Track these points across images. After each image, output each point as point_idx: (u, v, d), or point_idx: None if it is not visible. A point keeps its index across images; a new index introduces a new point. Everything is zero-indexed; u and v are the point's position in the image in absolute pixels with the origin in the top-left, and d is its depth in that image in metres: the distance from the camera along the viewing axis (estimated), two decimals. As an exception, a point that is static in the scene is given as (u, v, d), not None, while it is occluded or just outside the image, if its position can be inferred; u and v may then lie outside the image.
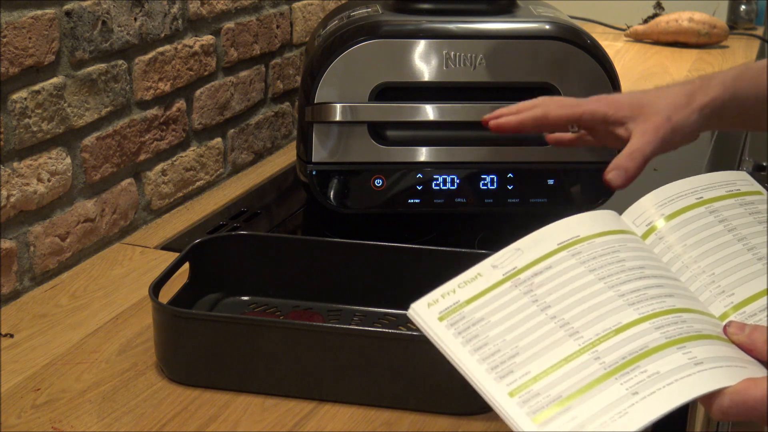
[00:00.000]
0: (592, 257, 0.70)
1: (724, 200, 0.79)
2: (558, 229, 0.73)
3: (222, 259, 1.04)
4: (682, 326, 0.66)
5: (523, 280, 0.69)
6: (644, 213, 0.78)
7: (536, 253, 0.71)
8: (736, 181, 0.82)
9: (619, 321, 0.66)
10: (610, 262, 0.70)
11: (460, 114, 1.20)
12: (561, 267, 0.70)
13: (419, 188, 1.20)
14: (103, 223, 1.19)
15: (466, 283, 0.71)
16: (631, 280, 0.69)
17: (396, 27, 1.21)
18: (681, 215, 0.78)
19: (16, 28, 1.01)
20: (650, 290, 0.69)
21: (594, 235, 0.72)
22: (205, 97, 1.36)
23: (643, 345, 0.64)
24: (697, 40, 2.30)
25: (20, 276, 1.06)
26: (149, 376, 0.93)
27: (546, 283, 0.69)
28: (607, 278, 0.69)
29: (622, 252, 0.72)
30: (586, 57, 1.20)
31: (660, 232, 0.77)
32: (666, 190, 0.80)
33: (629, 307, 0.67)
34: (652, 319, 0.66)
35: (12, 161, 1.03)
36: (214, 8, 1.35)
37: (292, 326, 0.92)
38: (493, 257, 0.72)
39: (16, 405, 0.88)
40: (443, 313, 0.69)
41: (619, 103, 0.90)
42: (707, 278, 0.73)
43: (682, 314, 0.68)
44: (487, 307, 0.68)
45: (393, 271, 1.03)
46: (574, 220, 0.73)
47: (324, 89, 1.18)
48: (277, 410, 0.88)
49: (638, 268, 0.70)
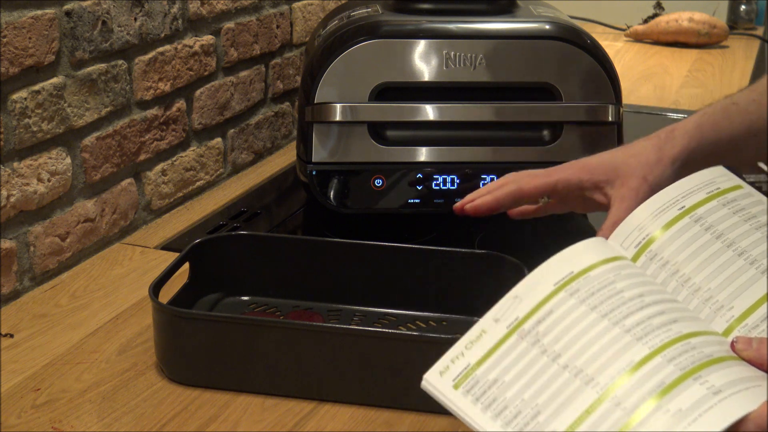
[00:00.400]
0: (590, 294, 0.69)
1: (706, 204, 0.79)
2: (551, 268, 0.72)
3: (222, 259, 1.04)
4: (693, 353, 0.66)
5: (528, 330, 0.68)
6: (631, 234, 0.78)
7: (534, 298, 0.70)
8: (715, 179, 0.81)
9: (631, 359, 0.65)
10: (609, 296, 0.69)
11: (460, 114, 1.20)
12: (562, 310, 0.69)
13: (419, 188, 1.20)
14: (103, 223, 1.19)
15: (472, 343, 0.69)
16: (633, 312, 0.68)
17: (396, 27, 1.21)
18: (667, 231, 0.77)
19: (16, 28, 1.01)
20: (654, 319, 0.68)
21: (588, 268, 0.71)
22: (205, 97, 1.36)
23: (660, 382, 0.64)
24: (697, 40, 2.30)
25: (20, 276, 1.06)
26: (149, 376, 0.93)
27: (551, 330, 0.68)
28: (609, 314, 0.68)
29: (618, 282, 0.71)
30: (586, 57, 1.20)
31: (650, 251, 0.76)
32: (648, 206, 0.80)
33: (638, 342, 0.66)
34: (663, 352, 0.66)
35: (12, 161, 1.03)
36: (214, 8, 1.35)
37: (292, 326, 0.92)
38: (494, 310, 0.70)
39: (16, 405, 0.88)
40: (457, 379, 0.68)
41: (592, 167, 0.90)
42: (704, 294, 0.73)
43: (690, 340, 0.67)
44: (498, 366, 0.68)
45: (393, 271, 1.03)
46: (565, 256, 0.72)
47: (324, 89, 1.18)
48: (277, 410, 0.88)
49: (638, 297, 0.70)
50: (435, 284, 1.02)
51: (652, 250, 0.76)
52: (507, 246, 1.04)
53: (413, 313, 1.03)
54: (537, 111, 1.21)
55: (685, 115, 1.78)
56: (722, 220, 0.77)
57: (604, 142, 1.21)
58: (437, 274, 1.02)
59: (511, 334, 0.68)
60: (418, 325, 1.02)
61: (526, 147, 1.21)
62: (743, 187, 0.81)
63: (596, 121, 1.21)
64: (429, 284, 1.03)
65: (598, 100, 1.20)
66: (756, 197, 0.81)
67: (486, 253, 1.02)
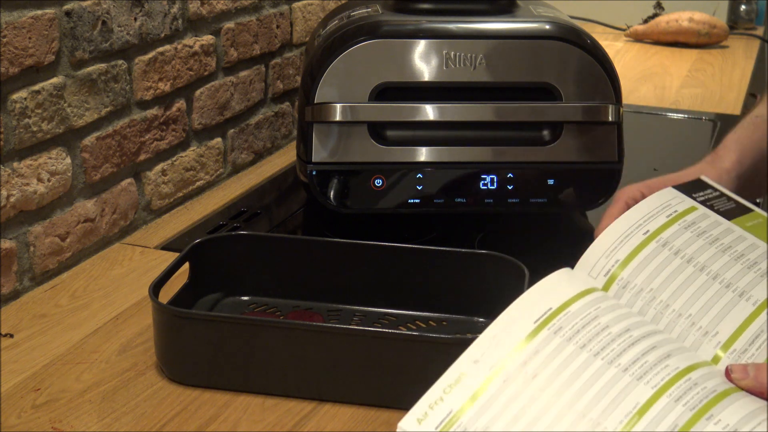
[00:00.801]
0: (575, 331, 0.67)
1: (669, 228, 0.78)
2: (526, 304, 0.69)
3: (222, 259, 1.04)
4: (698, 390, 0.64)
5: (514, 372, 0.65)
6: (598, 262, 0.76)
7: (515, 337, 0.66)
8: (669, 201, 0.81)
9: (637, 401, 0.63)
10: (596, 333, 0.67)
11: (460, 114, 1.20)
12: (549, 349, 0.66)
13: (419, 188, 1.20)
14: (103, 223, 1.19)
15: (451, 387, 0.65)
16: (625, 349, 0.66)
17: (396, 27, 1.21)
18: (636, 257, 0.76)
19: (16, 28, 1.01)
20: (648, 355, 0.66)
21: (566, 303, 0.69)
22: (205, 97, 1.36)
23: (674, 424, 0.62)
24: (697, 40, 2.30)
25: (20, 276, 1.06)
26: (149, 376, 0.93)
27: (540, 372, 0.64)
28: (601, 353, 0.66)
29: (601, 317, 0.69)
30: (586, 57, 1.20)
31: (621, 279, 0.75)
32: (611, 232, 0.78)
33: (638, 381, 0.64)
34: (668, 391, 0.64)
35: (12, 161, 1.03)
36: (214, 8, 1.35)
37: (292, 326, 0.92)
38: (471, 351, 0.66)
39: (16, 405, 0.88)
40: (440, 427, 0.63)
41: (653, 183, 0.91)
42: (686, 321, 0.72)
43: (690, 375, 0.66)
44: (486, 412, 0.63)
45: (393, 271, 1.03)
46: (538, 291, 0.70)
47: (324, 89, 1.18)
48: (277, 410, 0.88)
49: (625, 332, 0.68)
50: (435, 284, 1.02)
51: (623, 278, 0.75)
52: (507, 246, 1.04)
53: (413, 313, 1.03)
54: (537, 111, 1.21)
55: (685, 115, 1.80)
56: (688, 243, 0.77)
57: (604, 142, 1.21)
58: (437, 274, 1.02)
59: (495, 377, 0.64)
60: (418, 325, 1.02)
61: (526, 147, 1.21)
62: (697, 208, 0.81)
63: (596, 121, 1.21)
64: (429, 284, 1.03)
65: (598, 100, 1.20)
66: (713, 218, 0.80)
67: (486, 253, 1.02)
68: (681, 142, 1.68)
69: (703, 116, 1.79)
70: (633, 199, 0.91)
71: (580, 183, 1.22)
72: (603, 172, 1.22)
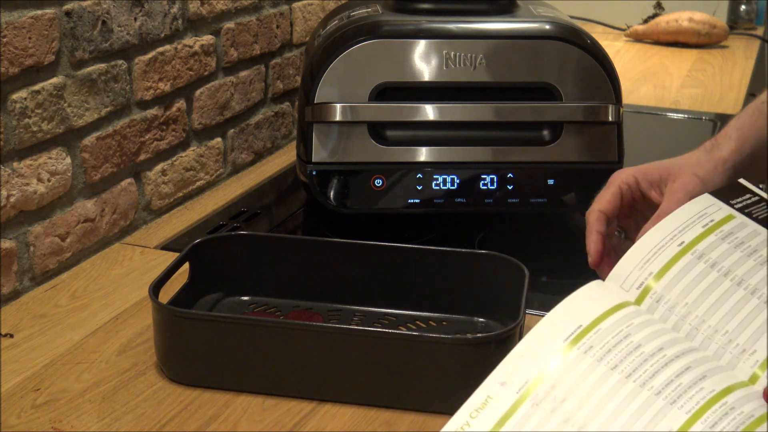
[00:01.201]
0: (606, 351, 0.65)
1: (705, 239, 0.75)
2: (555, 321, 0.67)
3: (222, 259, 1.04)
4: (734, 416, 0.62)
5: (543, 395, 0.62)
6: (631, 274, 0.74)
7: (543, 357, 0.64)
8: (706, 210, 0.79)
9: (670, 427, 0.61)
10: (628, 353, 0.65)
11: (460, 114, 1.20)
12: (579, 371, 0.63)
13: (419, 188, 1.20)
14: (103, 223, 1.19)
15: (477, 411, 0.63)
16: (658, 370, 0.64)
17: (396, 27, 1.21)
18: (670, 269, 0.73)
19: (16, 28, 1.01)
20: (683, 377, 0.64)
21: (596, 320, 0.67)
22: (205, 97, 1.36)
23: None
24: (697, 40, 2.30)
25: (20, 276, 1.06)
26: (149, 376, 0.93)
27: (570, 396, 0.62)
28: (633, 374, 0.63)
29: (633, 335, 0.66)
30: (586, 57, 1.20)
31: (655, 293, 0.72)
32: (644, 243, 0.76)
33: (671, 406, 0.62)
34: (703, 416, 0.61)
35: (12, 161, 1.03)
36: (214, 8, 1.35)
37: (292, 326, 0.92)
38: (497, 372, 0.64)
39: (16, 405, 0.88)
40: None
41: (645, 168, 0.91)
42: (722, 338, 0.69)
43: (726, 399, 0.63)
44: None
45: (393, 271, 1.03)
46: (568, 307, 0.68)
47: (324, 89, 1.18)
48: (277, 410, 0.88)
49: (659, 352, 0.65)
50: (435, 284, 1.02)
51: (657, 291, 0.72)
52: (507, 246, 1.04)
53: (413, 313, 1.03)
54: (537, 111, 1.21)
55: (685, 115, 1.80)
56: (725, 255, 0.74)
57: (604, 142, 1.21)
58: (437, 274, 1.02)
59: (524, 401, 0.62)
60: (418, 325, 1.02)
61: (526, 147, 1.21)
62: (735, 216, 0.78)
63: (596, 121, 1.21)
64: (429, 284, 1.03)
65: (598, 100, 1.20)
66: (751, 227, 0.78)
67: (486, 253, 1.02)
68: (681, 142, 1.68)
69: (703, 116, 1.79)
70: (626, 183, 0.90)
71: (580, 183, 1.22)
72: (603, 172, 1.21)
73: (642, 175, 0.90)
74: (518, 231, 1.26)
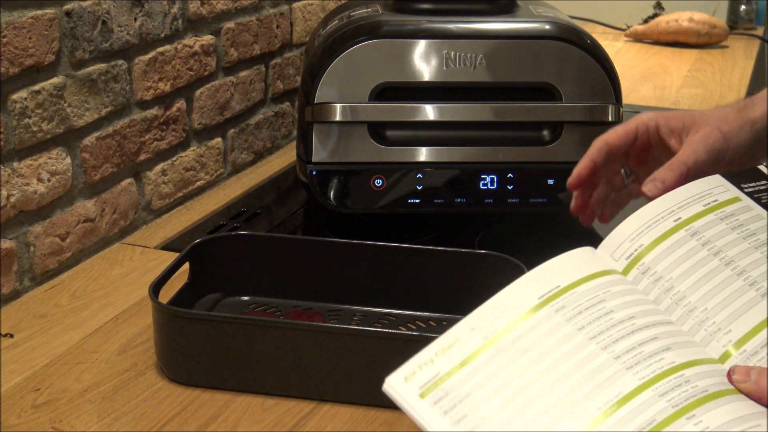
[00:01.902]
0: (577, 312, 0.65)
1: (703, 217, 0.75)
2: (535, 279, 0.67)
3: (222, 259, 1.04)
4: (686, 388, 0.62)
5: (507, 344, 0.63)
6: (622, 244, 0.74)
7: (516, 310, 0.65)
8: (712, 190, 0.78)
9: (620, 390, 0.61)
10: (597, 317, 0.65)
11: (460, 114, 1.20)
12: (546, 327, 0.64)
13: (419, 188, 1.20)
14: (103, 223, 1.19)
15: (444, 351, 0.64)
16: (623, 336, 0.64)
17: (396, 27, 1.21)
18: (661, 243, 0.73)
19: (16, 28, 1.01)
20: (645, 346, 0.64)
21: (575, 283, 0.67)
22: (205, 97, 1.36)
23: (651, 419, 0.60)
24: (697, 40, 2.30)
25: (20, 276, 1.06)
26: (149, 376, 0.93)
27: (532, 348, 0.63)
28: (597, 337, 0.64)
29: (608, 301, 0.67)
30: (586, 57, 1.20)
31: (642, 264, 0.72)
32: (641, 215, 0.75)
33: (627, 371, 0.62)
34: (655, 385, 0.62)
35: (12, 161, 1.03)
36: (214, 8, 1.35)
37: (292, 326, 0.92)
38: (470, 318, 0.65)
39: (16, 405, 0.88)
40: (424, 388, 0.63)
41: (669, 115, 0.88)
42: (700, 315, 0.69)
43: (684, 372, 0.63)
44: (471, 379, 0.62)
45: (393, 271, 1.03)
46: (551, 267, 0.68)
47: (324, 89, 1.18)
48: (277, 410, 0.88)
49: (628, 319, 0.66)
50: (435, 284, 1.02)
51: (645, 263, 0.72)
52: (507, 246, 1.04)
53: (413, 313, 1.03)
54: (537, 111, 1.21)
55: (685, 115, 1.79)
56: (720, 235, 0.74)
57: (604, 142, 1.21)
58: (437, 274, 1.02)
59: (488, 347, 0.63)
60: (418, 325, 1.02)
61: (526, 147, 1.21)
62: (741, 199, 0.78)
63: (596, 121, 1.21)
64: (429, 284, 1.03)
65: (598, 100, 1.20)
66: (755, 211, 0.77)
67: (486, 253, 1.02)
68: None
69: (703, 116, 1.78)
70: (645, 125, 0.88)
71: (580, 183, 1.22)
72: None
73: (664, 121, 0.87)
74: (518, 231, 1.26)
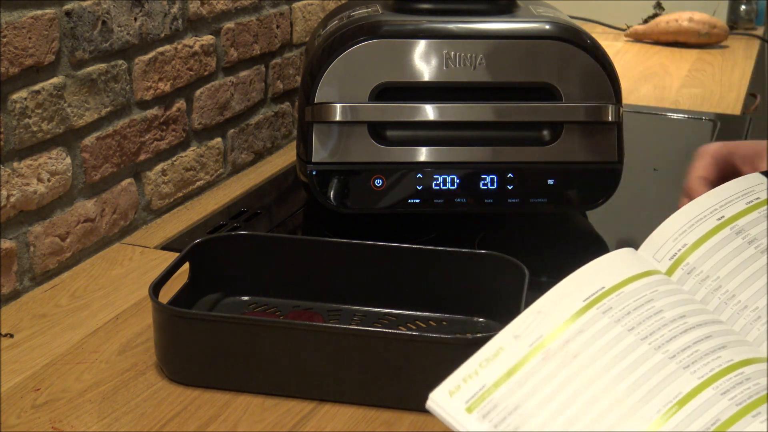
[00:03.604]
0: (626, 313, 0.63)
1: (747, 215, 0.73)
2: (578, 282, 0.65)
3: (222, 259, 1.04)
4: (749, 386, 0.61)
5: (555, 350, 0.62)
6: (665, 245, 0.72)
7: (561, 314, 0.63)
8: (753, 187, 0.76)
9: (679, 391, 0.60)
10: (647, 317, 0.64)
11: (460, 114, 1.20)
12: (594, 329, 0.62)
13: (419, 188, 1.20)
14: (103, 223, 1.19)
15: (488, 361, 0.62)
16: (676, 335, 0.63)
17: (396, 27, 1.21)
18: (706, 242, 0.72)
19: (16, 28, 1.01)
20: (701, 344, 0.63)
21: (621, 283, 0.66)
22: (205, 97, 1.36)
23: (715, 418, 0.58)
24: (697, 40, 2.30)
25: (20, 276, 1.06)
26: (149, 376, 0.93)
27: (582, 352, 0.61)
28: (649, 337, 0.62)
29: (656, 301, 0.65)
30: (586, 57, 1.20)
31: (687, 265, 0.71)
32: (682, 215, 0.74)
33: (685, 371, 0.61)
34: (715, 383, 0.60)
35: (12, 161, 1.03)
36: (214, 8, 1.35)
37: (292, 326, 0.92)
38: (513, 325, 0.63)
39: (16, 405, 0.88)
40: (471, 402, 0.60)
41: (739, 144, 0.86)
42: (751, 314, 0.67)
43: (744, 369, 0.62)
44: (521, 389, 0.60)
45: (393, 271, 1.03)
46: (594, 269, 0.66)
47: (324, 89, 1.18)
48: (277, 410, 0.88)
49: (680, 318, 0.64)
50: (435, 284, 1.02)
51: (689, 263, 0.71)
52: (507, 246, 1.04)
53: (413, 313, 1.03)
54: (537, 111, 1.21)
55: (685, 115, 1.80)
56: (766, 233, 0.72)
57: (604, 142, 1.21)
58: (437, 274, 1.02)
59: (535, 354, 0.61)
60: (418, 325, 1.02)
61: (526, 147, 1.21)
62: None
63: (596, 121, 1.21)
64: (429, 284, 1.03)
65: (598, 100, 1.20)
66: None
67: (486, 253, 1.02)
68: (681, 142, 1.68)
69: (703, 116, 1.79)
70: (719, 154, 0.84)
71: (580, 183, 1.22)
72: (603, 172, 1.22)
73: (735, 149, 0.84)
74: (518, 231, 1.26)
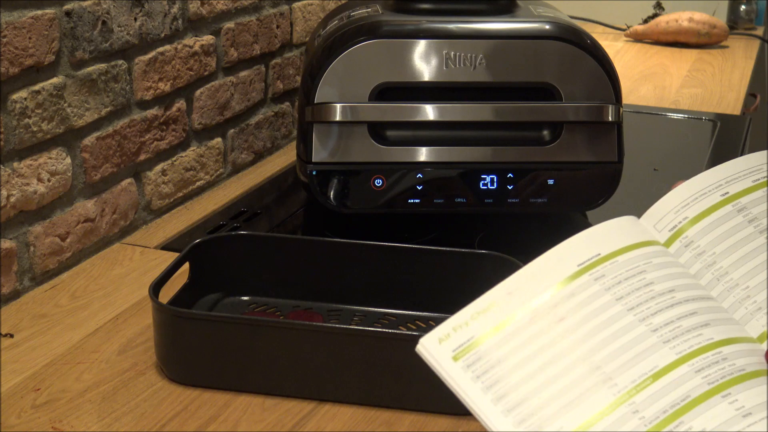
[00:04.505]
0: (617, 282, 0.64)
1: (751, 193, 0.73)
2: (575, 246, 0.66)
3: (222, 259, 1.04)
4: (724, 366, 0.61)
5: (543, 312, 0.63)
6: (666, 215, 0.72)
7: (554, 277, 0.64)
8: (762, 165, 0.75)
9: (655, 364, 0.61)
10: (637, 287, 0.64)
11: (460, 114, 1.20)
12: (585, 295, 0.63)
13: (419, 188, 1.20)
14: (103, 223, 1.19)
15: (479, 314, 0.63)
16: (662, 309, 0.63)
17: (396, 27, 1.21)
18: (707, 217, 0.72)
19: (16, 28, 1.01)
20: (684, 320, 0.63)
21: (616, 252, 0.66)
22: (205, 97, 1.36)
23: (685, 394, 0.59)
24: (697, 40, 2.30)
25: (20, 276, 1.06)
26: (149, 376, 0.93)
27: (568, 316, 0.62)
28: (636, 308, 0.63)
29: (648, 272, 0.66)
30: (586, 57, 1.20)
31: (685, 237, 0.71)
32: (688, 187, 0.74)
33: (664, 345, 0.62)
34: (691, 360, 0.61)
35: (12, 161, 1.03)
36: (214, 8, 1.35)
37: (292, 326, 0.92)
38: (508, 282, 0.65)
39: (16, 405, 0.88)
40: (457, 351, 0.62)
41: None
42: (742, 292, 0.68)
43: (722, 348, 0.62)
44: (506, 345, 0.62)
45: (393, 271, 1.03)
46: (592, 235, 0.67)
47: (324, 89, 1.18)
48: (277, 410, 0.88)
49: (668, 292, 0.65)
50: (435, 284, 1.02)
51: (688, 236, 0.71)
52: (507, 246, 1.04)
53: (413, 313, 1.03)
54: (537, 111, 1.21)
55: (685, 115, 1.80)
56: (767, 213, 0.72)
57: (604, 142, 1.21)
58: (437, 274, 1.02)
59: (524, 312, 0.63)
60: (418, 325, 1.02)
61: (526, 147, 1.21)
62: None
63: (596, 121, 1.21)
64: (429, 284, 1.03)
65: (598, 100, 1.20)
66: None
67: (486, 253, 1.02)
68: (681, 142, 1.68)
69: (703, 116, 1.79)
70: None
71: (580, 183, 1.22)
72: (603, 172, 1.22)
73: None
74: (518, 231, 1.26)
